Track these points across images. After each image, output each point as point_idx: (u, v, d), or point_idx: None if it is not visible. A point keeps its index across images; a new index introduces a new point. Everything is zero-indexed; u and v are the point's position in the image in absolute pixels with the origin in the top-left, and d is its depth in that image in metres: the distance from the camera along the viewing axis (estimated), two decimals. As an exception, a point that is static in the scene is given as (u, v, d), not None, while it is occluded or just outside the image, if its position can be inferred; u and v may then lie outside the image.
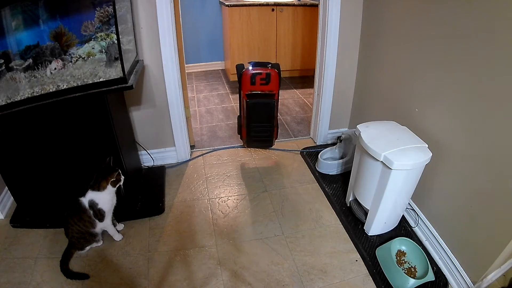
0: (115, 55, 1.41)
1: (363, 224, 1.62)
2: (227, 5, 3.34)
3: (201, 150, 2.38)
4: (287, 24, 3.52)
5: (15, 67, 1.29)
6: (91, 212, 1.42)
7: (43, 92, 1.33)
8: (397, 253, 1.47)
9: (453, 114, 1.35)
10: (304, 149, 2.37)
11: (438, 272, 1.42)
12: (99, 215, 1.44)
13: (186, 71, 2.19)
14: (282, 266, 1.48)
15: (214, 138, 2.55)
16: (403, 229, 1.62)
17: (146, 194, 1.88)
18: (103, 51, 1.41)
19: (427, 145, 1.39)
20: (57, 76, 1.36)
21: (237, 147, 2.42)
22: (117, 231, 1.60)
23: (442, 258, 1.45)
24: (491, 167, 1.18)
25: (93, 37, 1.38)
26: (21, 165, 1.55)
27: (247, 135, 2.10)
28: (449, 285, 1.39)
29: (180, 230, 1.68)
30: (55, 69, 1.35)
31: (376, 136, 1.44)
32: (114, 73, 1.43)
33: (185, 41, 2.15)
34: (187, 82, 2.21)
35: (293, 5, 3.45)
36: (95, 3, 1.34)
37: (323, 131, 2.39)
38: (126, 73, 1.43)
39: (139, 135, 2.07)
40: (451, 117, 1.36)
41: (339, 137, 2.16)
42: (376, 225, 1.55)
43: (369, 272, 1.45)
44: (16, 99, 1.30)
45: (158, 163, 2.18)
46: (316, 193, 1.94)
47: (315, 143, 2.47)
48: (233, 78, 3.75)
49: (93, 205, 1.42)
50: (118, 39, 1.35)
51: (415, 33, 1.55)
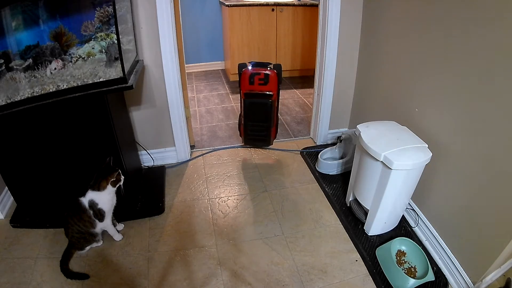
0: (115, 55, 1.41)
1: (363, 224, 1.62)
2: (227, 5, 3.34)
3: (201, 150, 2.39)
4: (287, 24, 3.52)
5: (15, 67, 1.29)
6: (91, 212, 1.42)
7: (43, 92, 1.33)
8: (397, 253, 1.47)
9: (453, 114, 1.35)
10: (304, 149, 2.37)
11: (438, 272, 1.42)
12: (99, 215, 1.44)
13: (186, 71, 2.19)
14: (282, 266, 1.48)
15: (214, 138, 2.55)
16: (403, 229, 1.62)
17: (146, 194, 1.88)
18: (103, 51, 1.42)
19: (427, 145, 1.39)
20: (57, 76, 1.36)
21: (237, 147, 2.42)
22: (117, 231, 1.60)
23: (442, 258, 1.45)
24: (491, 167, 1.18)
25: (93, 37, 1.38)
26: (21, 165, 1.55)
27: (245, 132, 2.16)
28: (449, 285, 1.39)
29: (180, 230, 1.68)
30: (55, 69, 1.35)
31: (376, 136, 1.44)
32: (114, 73, 1.43)
33: (185, 41, 2.15)
34: (187, 82, 2.21)
35: (293, 5, 3.45)
36: (95, 3, 1.34)
37: (323, 131, 2.40)
38: (126, 73, 1.43)
39: (139, 135, 2.07)
40: (451, 117, 1.36)
41: (339, 137, 2.16)
42: (376, 225, 1.55)
43: (369, 272, 1.45)
44: (16, 99, 1.30)
45: (158, 163, 2.18)
46: (316, 193, 1.94)
47: (315, 143, 2.47)
48: (233, 78, 3.75)
49: (93, 205, 1.42)
50: (118, 39, 1.35)
51: (415, 33, 1.55)
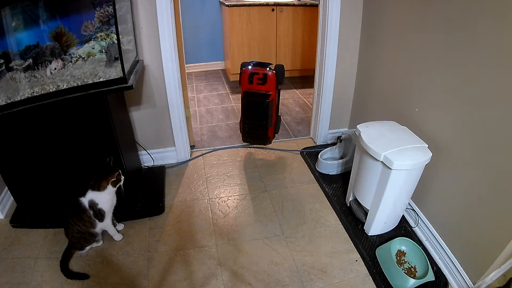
0: (115, 55, 1.41)
1: (363, 224, 1.62)
2: (227, 5, 3.34)
3: (201, 150, 2.38)
4: (287, 24, 3.52)
5: (15, 67, 1.29)
6: (91, 212, 1.42)
7: (43, 92, 1.33)
8: (397, 253, 1.47)
9: (453, 114, 1.35)
10: (304, 149, 2.37)
11: (438, 272, 1.42)
12: (99, 215, 1.44)
13: (186, 71, 2.19)
14: (282, 266, 1.48)
15: (214, 138, 2.55)
16: (403, 229, 1.62)
17: (146, 194, 1.88)
18: (103, 51, 1.42)
19: (427, 145, 1.39)
20: (57, 76, 1.36)
21: (237, 147, 2.42)
22: (117, 231, 1.60)
23: (442, 258, 1.45)
24: (491, 167, 1.18)
25: (93, 37, 1.38)
26: (21, 165, 1.55)
27: (243, 130, 2.20)
28: (449, 285, 1.39)
29: (180, 230, 1.68)
30: (55, 69, 1.35)
31: (376, 136, 1.44)
32: (114, 73, 1.43)
33: (185, 41, 2.15)
34: (187, 82, 2.21)
35: (293, 5, 3.45)
36: (95, 3, 1.34)
37: (323, 131, 2.39)
38: (126, 73, 1.43)
39: (139, 135, 2.07)
40: (451, 117, 1.36)
41: (339, 137, 2.16)
42: (376, 225, 1.55)
43: (369, 272, 1.45)
44: (16, 99, 1.30)
45: (158, 163, 2.18)
46: (316, 193, 1.94)
47: (315, 143, 2.47)
48: (233, 78, 3.75)
49: (93, 205, 1.42)
50: (118, 39, 1.35)
51: (415, 32, 1.55)
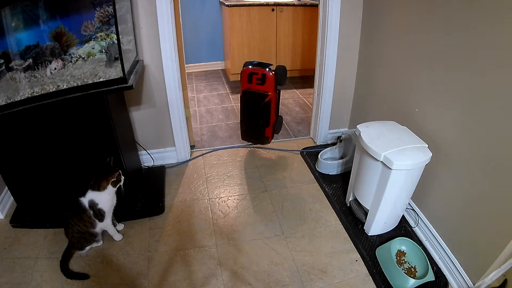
0: (115, 55, 1.41)
1: (363, 224, 1.62)
2: (227, 5, 3.34)
3: (201, 150, 2.38)
4: (287, 24, 3.52)
5: (15, 67, 1.29)
6: (91, 212, 1.42)
7: (43, 92, 1.33)
8: (397, 253, 1.47)
9: (453, 113, 1.35)
10: (304, 149, 2.37)
11: (438, 272, 1.42)
12: (99, 215, 1.44)
13: (186, 71, 2.19)
14: (282, 266, 1.48)
15: (214, 138, 2.55)
16: (403, 229, 1.62)
17: (146, 194, 1.88)
18: (103, 51, 1.42)
19: (427, 145, 1.39)
20: (57, 76, 1.36)
21: (237, 147, 2.42)
22: (117, 231, 1.60)
23: (442, 258, 1.45)
24: (491, 167, 1.18)
25: (93, 37, 1.38)
26: (21, 165, 1.55)
27: (242, 128, 2.23)
28: (449, 285, 1.39)
29: (180, 230, 1.68)
30: (55, 69, 1.35)
31: (376, 136, 1.44)
32: (114, 73, 1.43)
33: (185, 41, 2.15)
34: (187, 82, 2.21)
35: (293, 5, 3.45)
36: (95, 3, 1.34)
37: (323, 131, 2.39)
38: (126, 73, 1.43)
39: (139, 135, 2.07)
40: (451, 117, 1.36)
41: (339, 137, 2.16)
42: (376, 225, 1.55)
43: (369, 272, 1.45)
44: (16, 99, 1.30)
45: (158, 163, 2.18)
46: (316, 193, 1.94)
47: (315, 143, 2.47)
48: (233, 78, 3.75)
49: (93, 205, 1.42)
50: (118, 39, 1.35)
51: (415, 32, 1.55)
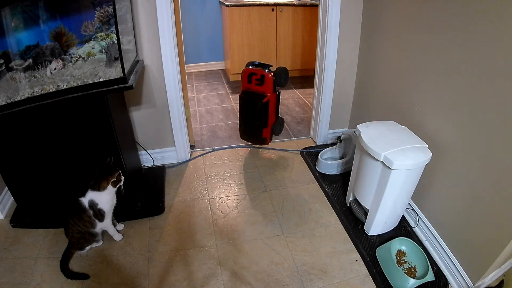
0: (115, 55, 1.41)
1: (363, 224, 1.62)
2: (227, 5, 3.34)
3: (201, 150, 2.38)
4: (287, 24, 3.52)
5: (15, 67, 1.29)
6: (91, 212, 1.42)
7: (43, 92, 1.33)
8: (397, 253, 1.47)
9: (453, 113, 1.35)
10: (304, 149, 2.37)
11: (438, 272, 1.42)
12: (99, 215, 1.44)
13: (186, 71, 2.19)
14: (282, 266, 1.48)
15: (214, 138, 2.55)
16: (403, 229, 1.62)
17: (146, 194, 1.88)
18: (103, 51, 1.42)
19: (427, 145, 1.39)
20: (57, 76, 1.36)
21: (237, 147, 2.42)
22: (117, 231, 1.60)
23: (442, 258, 1.45)
24: (491, 167, 1.18)
25: (93, 37, 1.38)
26: (21, 165, 1.55)
27: (240, 127, 2.25)
28: (449, 285, 1.39)
29: (180, 230, 1.68)
30: (55, 69, 1.35)
31: (376, 136, 1.44)
32: (114, 73, 1.43)
33: (185, 41, 2.15)
34: (187, 82, 2.21)
35: (293, 5, 3.45)
36: (95, 3, 1.34)
37: (323, 131, 2.39)
38: (126, 73, 1.43)
39: (139, 135, 2.07)
40: (451, 117, 1.36)
41: (339, 137, 2.16)
42: (376, 225, 1.55)
43: (369, 272, 1.45)
44: (16, 99, 1.30)
45: (158, 163, 2.18)
46: (316, 193, 1.94)
47: (315, 143, 2.47)
48: (233, 78, 3.75)
49: (93, 205, 1.42)
50: (118, 39, 1.35)
51: (415, 33, 1.55)
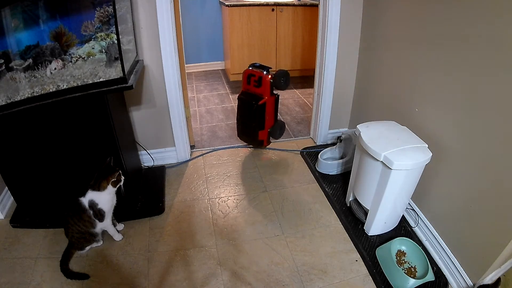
0: (115, 55, 1.41)
1: (363, 224, 1.62)
2: (227, 5, 3.34)
3: (201, 150, 2.38)
4: (287, 24, 3.52)
5: (15, 67, 1.29)
6: (91, 212, 1.42)
7: (43, 92, 1.33)
8: (397, 253, 1.47)
9: (453, 113, 1.35)
10: (304, 149, 2.36)
11: (438, 272, 1.42)
12: (99, 215, 1.44)
13: (186, 71, 2.19)
14: (282, 266, 1.48)
15: (214, 138, 2.55)
16: (403, 229, 1.62)
17: (146, 194, 1.88)
18: (103, 51, 1.42)
19: (427, 145, 1.39)
20: (57, 76, 1.36)
21: (237, 147, 2.42)
22: (117, 231, 1.60)
23: (442, 258, 1.45)
24: (491, 167, 1.18)
25: (93, 37, 1.38)
26: (21, 165, 1.55)
27: (237, 126, 2.27)
28: (449, 285, 1.39)
29: (180, 230, 1.68)
30: (55, 69, 1.35)
31: (376, 136, 1.44)
32: (114, 73, 1.43)
33: (185, 41, 2.15)
34: (187, 82, 2.21)
35: (293, 5, 3.45)
36: (95, 3, 1.34)
37: (323, 131, 2.39)
38: (126, 73, 1.43)
39: (139, 135, 2.07)
40: (451, 117, 1.36)
41: (339, 137, 2.16)
42: (376, 225, 1.55)
43: (369, 272, 1.45)
44: (16, 99, 1.30)
45: (158, 163, 2.18)
46: (316, 193, 1.94)
47: (315, 143, 2.47)
48: (233, 78, 3.75)
49: (93, 205, 1.42)
50: (118, 39, 1.35)
51: (415, 33, 1.55)
